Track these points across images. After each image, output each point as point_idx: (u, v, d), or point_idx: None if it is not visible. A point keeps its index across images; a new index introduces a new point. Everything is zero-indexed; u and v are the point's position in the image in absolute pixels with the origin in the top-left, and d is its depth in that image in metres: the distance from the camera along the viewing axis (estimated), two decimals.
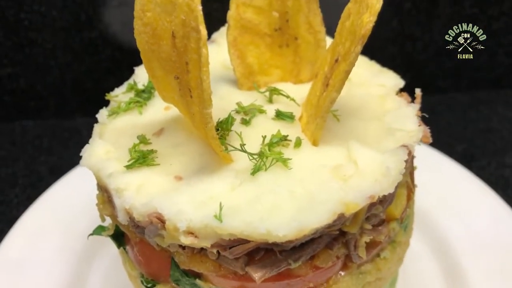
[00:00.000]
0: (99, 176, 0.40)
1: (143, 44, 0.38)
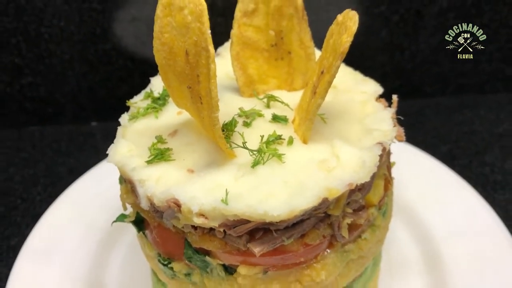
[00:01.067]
0: (123, 170, 0.47)
1: (161, 60, 0.46)
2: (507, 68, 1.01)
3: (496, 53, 0.99)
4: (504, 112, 0.99)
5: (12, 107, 0.98)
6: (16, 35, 0.90)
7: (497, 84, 1.04)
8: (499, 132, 0.94)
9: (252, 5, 0.51)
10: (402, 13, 0.94)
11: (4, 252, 0.74)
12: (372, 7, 0.93)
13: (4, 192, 0.85)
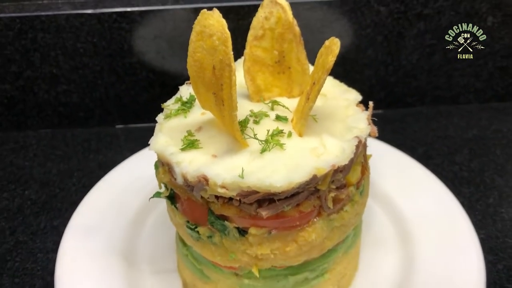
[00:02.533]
0: (163, 155, 0.60)
1: (193, 73, 0.60)
2: (477, 82, 1.14)
3: (468, 69, 1.11)
4: (473, 120, 1.12)
5: (48, 111, 1.10)
6: (55, 49, 1.02)
7: (468, 96, 1.16)
8: (468, 137, 1.07)
9: (261, 32, 0.65)
10: (386, 34, 1.06)
11: (49, 231, 0.87)
12: (360, 30, 1.05)
13: (44, 182, 0.98)
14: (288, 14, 0.62)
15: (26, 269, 0.80)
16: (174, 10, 1.00)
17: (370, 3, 1.02)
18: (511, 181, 0.95)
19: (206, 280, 0.68)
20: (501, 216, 0.87)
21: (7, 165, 1.03)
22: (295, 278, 0.64)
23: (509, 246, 0.81)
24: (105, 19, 1.00)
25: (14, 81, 1.05)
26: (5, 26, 0.99)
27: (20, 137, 1.10)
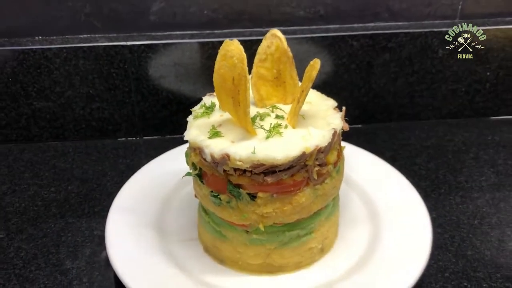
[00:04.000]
0: (195, 142, 0.81)
1: (217, 84, 0.82)
2: (434, 102, 1.38)
3: (425, 91, 1.35)
4: (431, 132, 1.35)
5: (83, 124, 1.31)
6: (93, 74, 1.24)
7: (427, 113, 1.39)
8: (427, 145, 1.30)
9: (264, 56, 0.89)
10: (358, 63, 1.29)
11: (92, 215, 1.06)
12: (337, 60, 1.28)
13: (83, 180, 1.19)
14: (284, 44, 0.87)
15: (77, 242, 1.01)
16: (190, 43, 1.25)
17: (345, 38, 1.28)
18: (458, 177, 1.19)
19: (224, 239, 0.90)
20: (449, 202, 1.11)
21: (51, 167, 1.24)
22: (290, 233, 0.87)
23: (454, 222, 1.05)
24: (135, 49, 1.23)
25: (57, 99, 1.28)
26: (54, 55, 1.22)
27: (58, 147, 1.32)
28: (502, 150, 1.28)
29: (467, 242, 0.99)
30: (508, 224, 1.03)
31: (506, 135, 1.35)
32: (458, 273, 0.92)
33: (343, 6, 1.29)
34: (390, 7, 1.30)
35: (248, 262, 0.89)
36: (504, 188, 1.14)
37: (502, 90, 1.39)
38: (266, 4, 1.28)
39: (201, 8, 1.26)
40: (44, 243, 1.00)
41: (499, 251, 0.96)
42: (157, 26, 1.27)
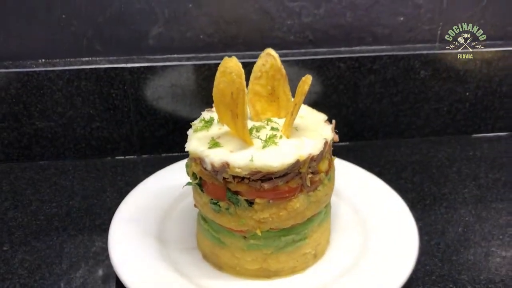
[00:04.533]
0: (195, 152, 0.87)
1: (216, 98, 0.88)
2: (418, 121, 1.46)
3: (409, 110, 1.43)
4: (416, 149, 1.42)
5: (83, 143, 1.36)
6: (94, 94, 1.29)
7: (412, 132, 1.46)
8: (412, 161, 1.37)
9: (259, 73, 0.96)
10: (345, 84, 1.36)
11: (93, 228, 1.10)
12: (326, 80, 1.36)
13: (84, 196, 1.23)
14: (278, 62, 0.94)
15: (79, 253, 1.04)
16: (187, 65, 1.32)
17: (333, 61, 1.36)
18: (442, 190, 1.25)
19: (222, 246, 0.94)
20: (435, 212, 1.17)
21: (52, 184, 1.28)
22: (286, 238, 0.92)
23: (439, 230, 1.10)
24: (135, 71, 1.30)
25: (58, 119, 1.33)
26: (57, 76, 1.28)
27: (59, 165, 1.36)
28: (483, 165, 1.36)
29: (452, 248, 1.05)
30: (490, 231, 1.10)
31: (487, 151, 1.43)
32: (444, 276, 0.97)
33: (331, 31, 1.38)
34: (374, 32, 1.39)
35: (245, 267, 0.94)
36: (486, 199, 1.21)
37: (481, 109, 1.48)
38: (259, 29, 1.36)
39: (197, 33, 1.34)
40: (47, 254, 1.04)
41: (482, 256, 1.02)
42: (156, 49, 1.34)
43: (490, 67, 1.42)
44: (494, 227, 1.11)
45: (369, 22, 1.38)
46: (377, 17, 1.37)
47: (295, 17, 1.35)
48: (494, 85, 1.45)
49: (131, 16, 1.29)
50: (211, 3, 1.31)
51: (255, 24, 1.34)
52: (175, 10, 1.30)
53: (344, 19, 1.37)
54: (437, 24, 1.40)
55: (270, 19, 1.34)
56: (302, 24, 1.36)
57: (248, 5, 1.32)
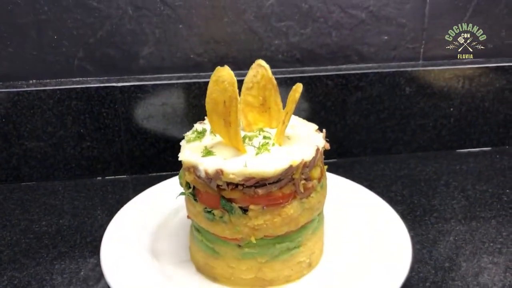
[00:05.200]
0: (189, 161, 0.88)
1: (209, 107, 0.90)
2: (404, 136, 1.49)
3: (396, 127, 1.48)
4: (404, 164, 1.44)
5: (72, 164, 1.38)
6: (84, 114, 1.31)
7: (399, 148, 1.50)
8: (400, 175, 1.39)
9: (251, 84, 0.98)
10: (333, 100, 1.39)
11: (84, 245, 1.09)
12: (314, 97, 1.41)
13: (74, 214, 1.21)
14: (269, 72, 0.96)
15: (71, 269, 1.03)
16: (177, 83, 1.34)
17: (321, 78, 1.39)
18: (432, 201, 1.27)
19: (216, 256, 0.94)
20: (425, 222, 1.18)
21: (41, 204, 1.27)
22: (280, 246, 0.92)
23: (431, 239, 1.11)
24: (125, 90, 1.31)
25: (48, 139, 1.33)
26: (47, 96, 1.29)
27: (48, 186, 1.36)
28: (471, 178, 1.38)
29: (444, 256, 1.05)
30: (480, 239, 1.11)
31: (473, 165, 1.46)
32: (438, 282, 0.98)
33: (317, 50, 1.41)
34: (360, 50, 1.43)
35: (240, 277, 0.93)
36: (475, 209, 1.23)
37: (465, 124, 1.51)
38: (248, 49, 1.39)
39: (187, 52, 1.36)
40: (37, 271, 1.02)
41: (474, 262, 1.03)
42: (146, 69, 1.36)
43: (473, 83, 1.46)
44: (484, 235, 1.13)
45: (355, 41, 1.42)
46: (362, 36, 1.41)
47: (282, 37, 1.39)
48: (477, 100, 1.48)
49: (122, 36, 1.32)
50: (201, 24, 1.34)
51: (244, 44, 1.37)
52: (165, 31, 1.33)
53: (330, 39, 1.40)
54: (420, 42, 1.44)
55: (258, 39, 1.38)
56: (290, 43, 1.40)
57: (237, 26, 1.36)
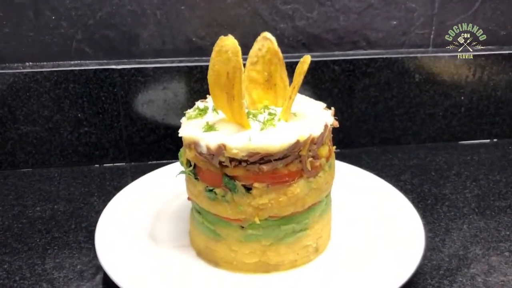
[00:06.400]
0: (190, 136, 0.83)
1: (211, 80, 0.85)
2: (413, 126, 1.44)
3: (404, 115, 1.43)
4: (413, 155, 1.40)
5: (69, 150, 1.33)
6: (82, 97, 1.26)
7: (408, 138, 1.45)
8: (410, 165, 1.34)
9: (255, 59, 0.93)
10: (340, 87, 1.35)
11: (79, 230, 1.04)
12: (320, 84, 1.37)
13: (70, 200, 1.17)
14: (275, 45, 0.92)
15: (64, 253, 0.98)
16: (179, 67, 1.30)
17: (327, 63, 1.35)
18: (443, 190, 1.21)
19: (218, 239, 0.89)
20: (437, 211, 1.13)
21: (36, 190, 1.22)
22: (286, 228, 0.86)
23: (443, 228, 1.06)
24: (125, 73, 1.27)
25: (44, 123, 1.28)
26: (44, 78, 1.25)
27: (44, 173, 1.31)
28: (483, 168, 1.33)
29: (458, 244, 1.00)
30: (495, 227, 1.06)
31: (485, 155, 1.40)
32: (452, 270, 0.92)
33: (324, 35, 1.37)
34: (368, 36, 1.39)
35: (243, 261, 0.88)
36: (489, 198, 1.17)
37: (476, 114, 1.46)
38: (251, 33, 1.33)
39: (189, 35, 1.32)
40: (29, 255, 0.97)
41: (490, 250, 0.98)
42: (147, 53, 1.31)
43: (484, 71, 1.41)
44: (500, 224, 1.07)
45: (363, 26, 1.37)
46: (370, 21, 1.37)
47: (288, 20, 1.34)
48: (489, 89, 1.43)
49: (122, 18, 1.27)
50: (204, 6, 1.30)
51: (248, 27, 1.33)
52: (167, 12, 1.29)
53: (337, 23, 1.36)
54: (430, 28, 1.40)
55: (262, 22, 1.33)
56: (295, 27, 1.35)
57: (241, 8, 1.31)
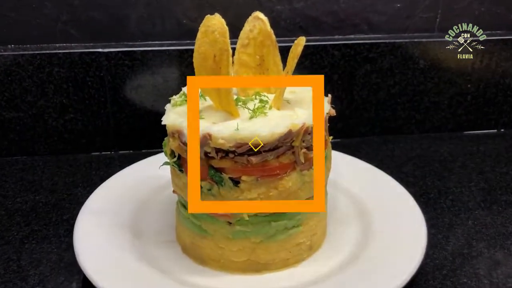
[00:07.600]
0: (174, 125, 0.77)
1: (197, 63, 0.79)
2: (417, 115, 1.38)
3: (407, 104, 1.36)
4: (416, 145, 1.34)
5: (55, 137, 1.26)
6: (67, 82, 1.20)
7: (411, 127, 1.39)
8: (412, 156, 1.28)
9: (247, 41, 0.86)
10: (340, 73, 1.29)
11: (60, 223, 0.98)
12: (319, 69, 1.29)
13: (53, 190, 1.11)
14: (267, 26, 0.84)
15: (42, 248, 0.92)
16: (168, 50, 1.23)
17: (326, 47, 1.27)
18: (447, 183, 1.15)
19: (204, 235, 0.82)
20: (440, 205, 1.06)
21: (18, 179, 1.16)
22: (277, 224, 0.80)
23: (447, 223, 1.00)
24: (112, 57, 1.20)
25: (27, 109, 1.22)
26: (26, 61, 1.18)
27: (27, 161, 1.25)
28: (489, 159, 1.26)
29: (462, 241, 0.94)
30: (502, 223, 0.99)
31: (491, 146, 1.34)
32: (456, 270, 0.86)
33: (323, 18, 1.29)
34: (369, 19, 1.31)
35: (231, 260, 0.82)
36: (495, 192, 1.11)
37: (483, 103, 1.39)
38: (246, 14, 1.26)
39: (179, 17, 1.24)
40: (4, 250, 0.91)
41: (497, 248, 0.91)
42: (135, 36, 1.24)
43: (492, 57, 1.34)
44: (507, 219, 1.01)
45: (364, 8, 1.30)
46: (372, 3, 1.29)
47: (285, 1, 1.27)
48: (497, 76, 1.36)
49: None
50: None
51: (242, 8, 1.25)
52: None
53: (337, 5, 1.29)
54: (436, 11, 1.32)
55: (258, 3, 1.26)
56: (293, 9, 1.28)
57: None
